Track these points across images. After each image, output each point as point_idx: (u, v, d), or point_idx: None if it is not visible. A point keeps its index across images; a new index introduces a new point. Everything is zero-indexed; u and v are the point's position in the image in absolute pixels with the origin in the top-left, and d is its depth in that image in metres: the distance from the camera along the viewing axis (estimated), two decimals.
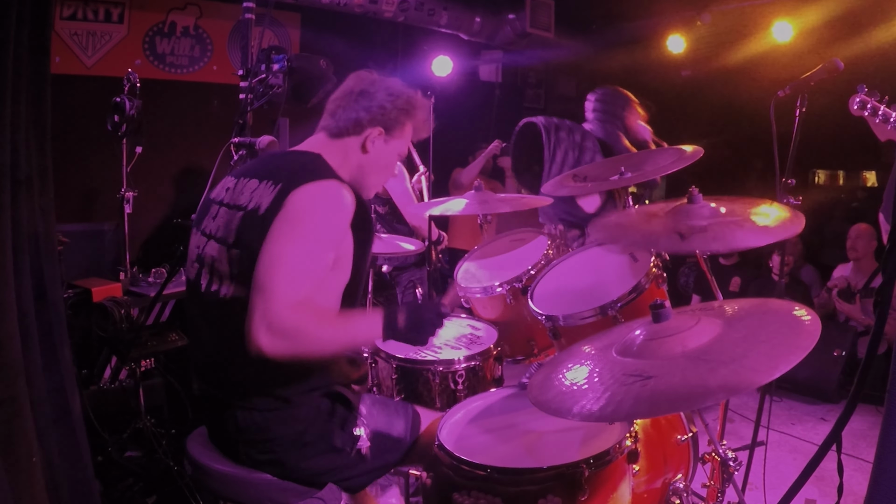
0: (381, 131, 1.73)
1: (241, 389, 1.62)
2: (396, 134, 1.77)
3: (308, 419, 1.63)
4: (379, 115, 1.72)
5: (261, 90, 2.75)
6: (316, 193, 1.55)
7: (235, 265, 1.56)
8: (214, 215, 1.69)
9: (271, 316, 1.39)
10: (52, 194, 1.88)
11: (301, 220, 1.51)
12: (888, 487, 1.30)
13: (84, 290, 2.99)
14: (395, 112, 1.74)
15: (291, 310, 1.41)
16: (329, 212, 1.55)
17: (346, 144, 1.73)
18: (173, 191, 4.60)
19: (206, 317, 1.66)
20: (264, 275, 1.44)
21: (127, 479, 2.75)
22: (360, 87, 1.75)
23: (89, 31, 4.27)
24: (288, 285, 1.43)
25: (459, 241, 5.08)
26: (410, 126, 1.80)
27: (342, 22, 5.16)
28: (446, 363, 2.20)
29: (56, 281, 1.90)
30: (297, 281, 1.45)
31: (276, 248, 1.47)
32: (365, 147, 1.73)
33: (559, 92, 8.44)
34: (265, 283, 1.43)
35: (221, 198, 1.71)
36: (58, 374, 1.86)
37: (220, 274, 1.60)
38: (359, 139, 1.72)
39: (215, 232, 1.65)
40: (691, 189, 1.88)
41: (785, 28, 5.25)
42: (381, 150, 1.75)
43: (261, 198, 1.57)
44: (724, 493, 1.91)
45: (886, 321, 3.72)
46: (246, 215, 1.58)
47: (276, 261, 1.45)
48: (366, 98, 1.72)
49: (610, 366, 1.40)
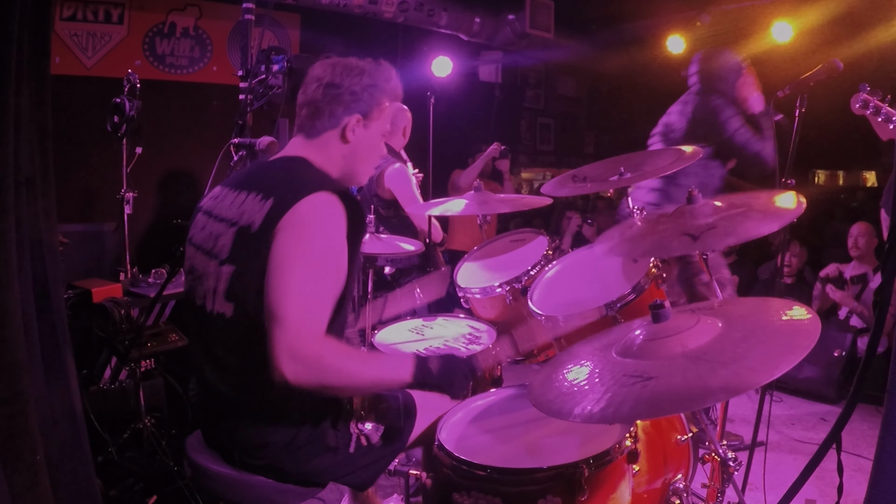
0: (358, 118, 1.67)
1: (233, 398, 1.60)
2: (375, 115, 1.70)
3: (298, 422, 1.61)
4: (351, 101, 1.66)
5: (260, 91, 2.75)
6: (312, 212, 1.50)
7: (230, 283, 1.53)
8: (202, 226, 1.66)
9: (292, 345, 1.37)
10: (53, 196, 1.88)
11: (304, 243, 1.47)
12: (888, 487, 1.30)
13: (84, 290, 2.98)
14: (366, 93, 1.67)
15: (312, 339, 1.39)
16: (328, 230, 1.51)
17: (326, 140, 1.68)
18: (173, 191, 4.60)
19: (201, 332, 1.64)
20: (278, 304, 1.40)
21: (127, 480, 2.75)
22: (326, 77, 1.67)
23: (89, 32, 4.27)
24: (305, 313, 1.40)
25: (458, 242, 5.08)
26: (386, 100, 1.72)
27: (342, 22, 5.16)
28: None
29: (57, 282, 1.90)
30: (314, 307, 1.42)
31: (285, 276, 1.43)
32: (345, 137, 1.67)
33: (559, 92, 8.45)
34: (281, 313, 1.39)
35: (208, 207, 1.68)
36: (58, 374, 1.86)
37: (214, 291, 1.56)
38: (336, 131, 1.67)
39: (202, 243, 1.63)
40: (691, 189, 1.89)
41: (785, 28, 5.25)
42: (362, 136, 1.70)
43: (252, 213, 1.54)
44: (724, 494, 1.91)
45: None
46: (239, 232, 1.55)
47: (288, 289, 1.42)
48: (333, 87, 1.65)
49: (610, 366, 1.40)
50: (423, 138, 4.04)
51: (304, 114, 1.70)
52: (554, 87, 8.34)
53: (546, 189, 2.54)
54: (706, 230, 1.70)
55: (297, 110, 1.73)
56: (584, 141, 8.90)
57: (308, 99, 1.69)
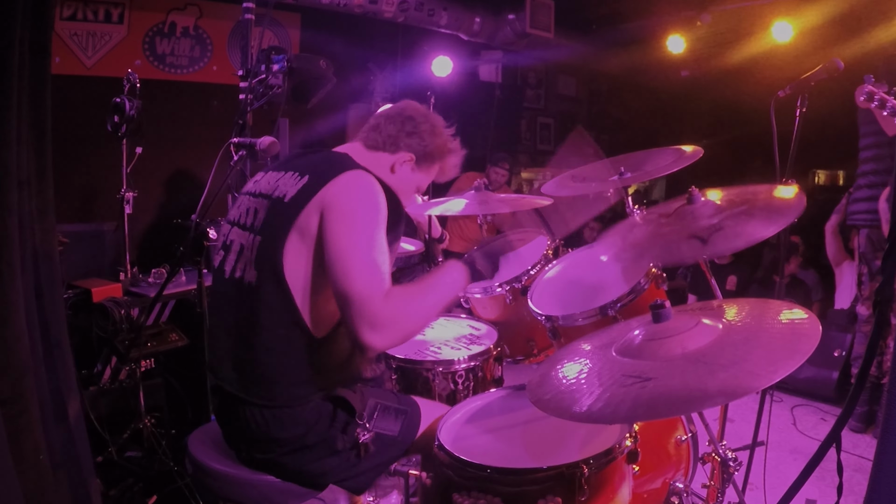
0: (412, 157, 1.80)
1: (251, 387, 1.62)
2: (424, 167, 1.85)
3: (309, 423, 1.63)
4: (417, 143, 1.80)
5: (261, 90, 2.75)
6: (351, 185, 1.59)
7: (257, 251, 1.61)
8: (240, 205, 1.76)
9: (369, 317, 1.45)
10: (51, 195, 1.87)
11: (351, 212, 1.55)
12: (888, 487, 1.30)
13: (84, 290, 2.99)
14: (432, 147, 1.82)
15: (382, 304, 1.47)
16: (369, 200, 1.59)
17: (379, 159, 1.79)
18: (173, 191, 4.60)
19: (228, 301, 1.69)
20: (343, 281, 1.48)
21: (127, 480, 2.75)
22: (409, 112, 1.83)
23: (89, 32, 4.27)
24: (368, 283, 1.48)
25: (456, 243, 5.08)
26: (438, 166, 1.88)
27: (342, 22, 5.16)
28: (446, 363, 2.19)
29: (56, 281, 1.90)
30: (374, 273, 1.49)
31: (340, 250, 1.51)
32: (394, 168, 1.80)
33: (559, 92, 8.45)
34: (348, 290, 1.47)
35: (249, 190, 1.78)
36: (58, 374, 1.86)
37: (246, 261, 1.64)
38: (391, 158, 1.79)
39: (238, 219, 1.72)
40: (691, 189, 1.88)
41: (785, 28, 5.25)
42: (406, 175, 1.82)
43: (286, 187, 1.63)
44: (724, 494, 1.91)
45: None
46: (272, 203, 1.64)
47: (347, 263, 1.50)
48: (410, 124, 1.80)
49: (609, 365, 1.40)
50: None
51: (374, 128, 1.82)
52: (554, 86, 8.34)
53: (546, 189, 2.54)
54: (714, 232, 1.66)
55: (371, 120, 1.85)
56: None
57: (384, 121, 1.82)
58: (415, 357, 2.24)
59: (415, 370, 2.21)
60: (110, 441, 2.83)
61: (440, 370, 2.19)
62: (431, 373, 2.19)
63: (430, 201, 3.19)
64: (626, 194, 2.38)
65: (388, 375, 2.26)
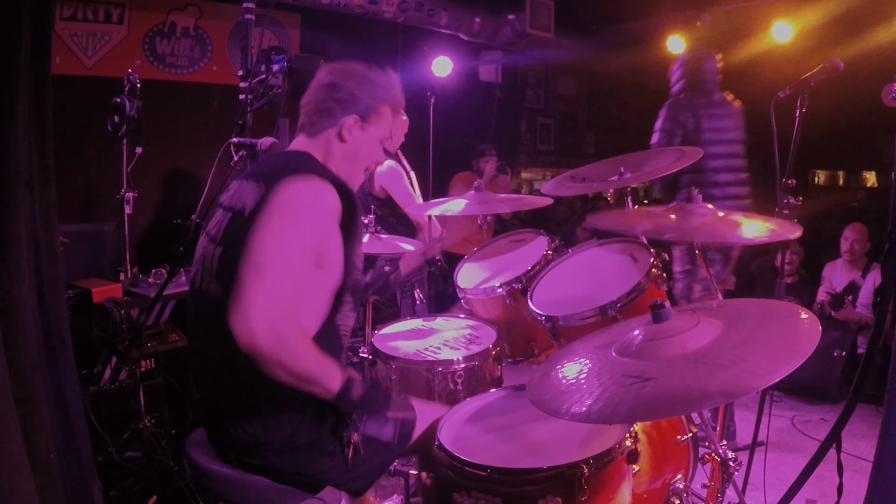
0: (356, 119, 1.72)
1: (231, 393, 1.61)
2: (374, 120, 1.76)
3: (297, 425, 1.61)
4: (350, 103, 1.71)
5: (261, 91, 2.75)
6: (294, 191, 1.55)
7: (219, 263, 1.59)
8: (213, 217, 1.75)
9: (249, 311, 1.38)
10: (53, 196, 1.88)
11: (281, 216, 1.51)
12: (888, 488, 1.30)
13: (84, 290, 2.99)
14: (367, 98, 1.73)
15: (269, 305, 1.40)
16: (307, 209, 1.55)
17: (325, 138, 1.73)
18: (173, 191, 4.60)
19: (198, 315, 1.68)
20: (243, 272, 1.44)
21: (127, 480, 2.75)
22: (328, 79, 1.74)
23: (89, 32, 4.27)
24: (265, 283, 1.42)
25: (452, 245, 5.07)
26: (387, 108, 1.78)
27: (342, 22, 5.16)
28: (445, 363, 2.19)
29: (58, 281, 1.90)
30: (276, 279, 1.44)
31: (256, 246, 1.48)
32: (342, 136, 1.72)
33: (559, 92, 8.45)
34: (243, 280, 1.43)
35: (222, 201, 1.75)
36: (59, 374, 1.86)
37: (209, 272, 1.63)
38: (334, 130, 1.72)
39: (209, 230, 1.71)
40: (691, 189, 1.89)
41: (785, 28, 5.26)
42: (359, 137, 1.75)
43: (247, 198, 1.61)
44: (724, 494, 1.91)
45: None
46: (233, 216, 1.62)
47: (254, 258, 1.45)
48: (335, 89, 1.72)
49: (609, 365, 1.40)
50: (424, 138, 4.03)
51: (305, 112, 1.76)
52: (554, 87, 8.34)
53: (546, 189, 2.54)
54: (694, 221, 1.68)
55: (300, 110, 1.78)
56: (584, 141, 8.91)
57: (310, 99, 1.75)
58: (414, 357, 2.24)
59: (414, 370, 2.21)
60: (110, 441, 2.83)
61: (439, 370, 2.19)
62: (431, 373, 2.19)
63: (431, 201, 3.19)
64: (627, 194, 2.39)
65: (388, 375, 2.26)
